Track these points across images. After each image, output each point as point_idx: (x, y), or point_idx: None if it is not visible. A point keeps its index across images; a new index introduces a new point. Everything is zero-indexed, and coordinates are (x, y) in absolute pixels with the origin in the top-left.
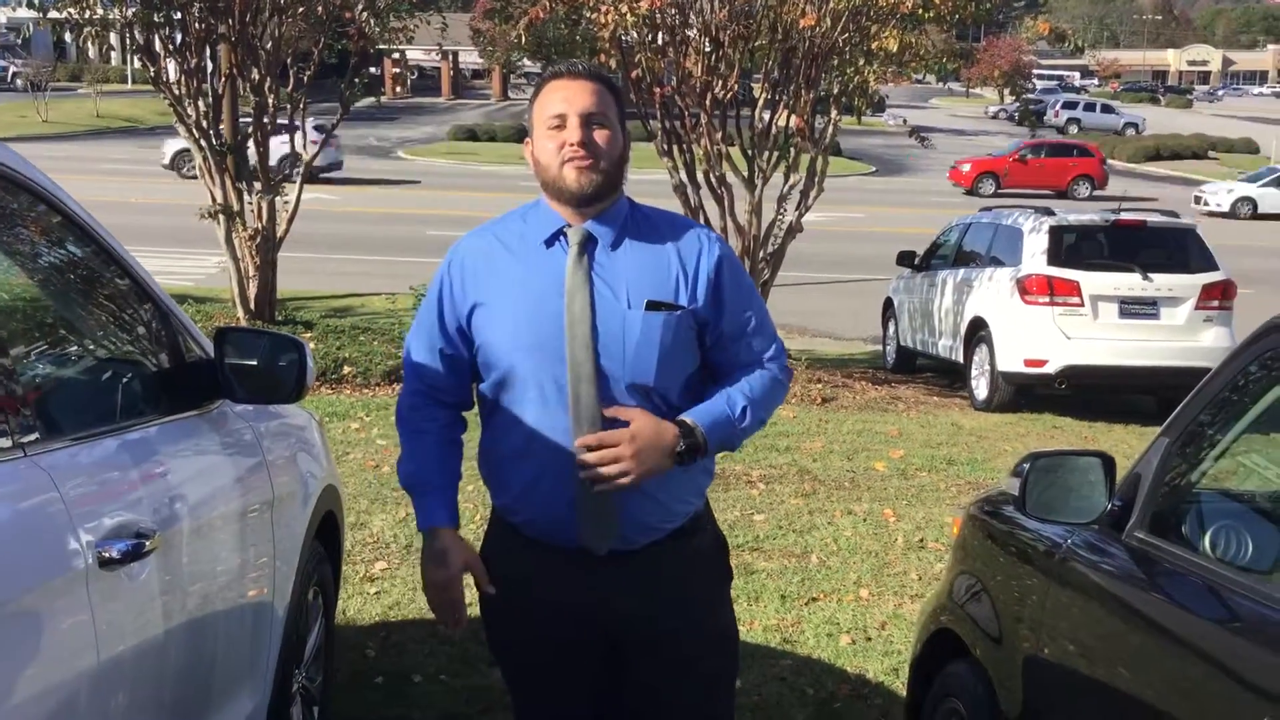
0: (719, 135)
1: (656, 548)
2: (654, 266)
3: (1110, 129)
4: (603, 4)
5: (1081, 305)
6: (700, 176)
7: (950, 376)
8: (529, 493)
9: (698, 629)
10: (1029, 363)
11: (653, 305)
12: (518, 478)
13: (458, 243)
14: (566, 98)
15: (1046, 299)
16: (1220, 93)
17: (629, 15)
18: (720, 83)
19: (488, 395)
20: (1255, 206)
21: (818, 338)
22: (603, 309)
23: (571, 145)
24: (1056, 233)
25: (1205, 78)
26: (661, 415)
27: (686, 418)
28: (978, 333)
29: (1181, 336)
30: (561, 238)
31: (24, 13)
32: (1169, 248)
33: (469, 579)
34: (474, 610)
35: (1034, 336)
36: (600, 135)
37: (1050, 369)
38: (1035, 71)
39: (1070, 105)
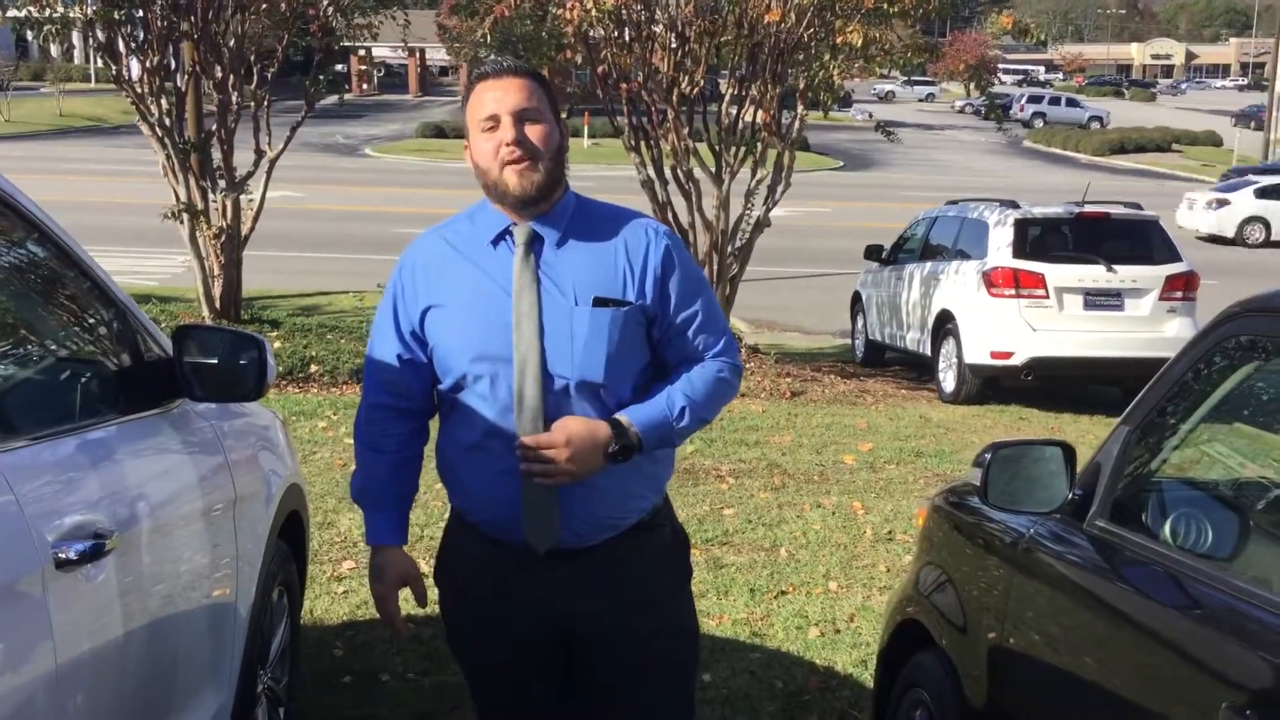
0: (686, 131)
1: (612, 544)
2: (600, 263)
3: (1075, 122)
4: (569, 0)
5: (1047, 297)
6: (668, 172)
7: (918, 370)
8: (481, 492)
9: (655, 625)
10: (995, 355)
11: (600, 301)
12: (471, 477)
13: (408, 247)
14: (497, 98)
15: (1012, 291)
16: (1183, 86)
17: (594, 11)
18: (687, 78)
19: (445, 396)
20: (1269, 229)
21: (786, 332)
22: (550, 307)
23: (507, 145)
24: (1021, 225)
25: (1169, 71)
26: (609, 413)
27: (621, 417)
28: (945, 326)
29: (1146, 327)
30: (507, 237)
31: None
32: (1133, 239)
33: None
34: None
35: (1000, 329)
36: (534, 131)
37: (1016, 361)
38: (1000, 66)
39: (1035, 99)
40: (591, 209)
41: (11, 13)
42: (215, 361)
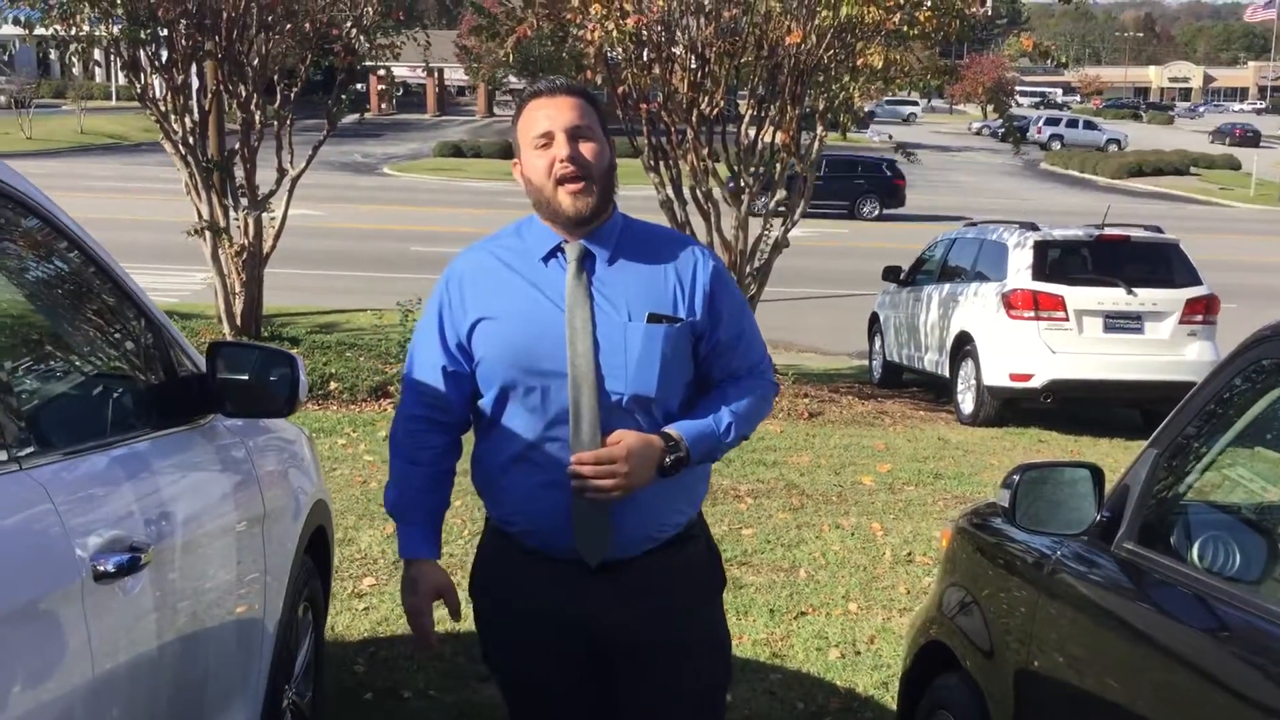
0: (705, 151)
1: (650, 557)
2: (652, 280)
3: (1093, 145)
4: (589, 21)
5: (1066, 320)
6: (686, 192)
7: (936, 391)
8: (527, 503)
9: (691, 638)
10: (1014, 377)
11: (654, 318)
12: (515, 488)
13: (454, 260)
14: (549, 115)
15: (1031, 313)
16: (1201, 109)
17: (615, 32)
18: (706, 99)
19: (486, 408)
20: None
21: (804, 353)
22: (603, 323)
23: (561, 161)
24: (1041, 248)
25: (1187, 94)
26: (659, 426)
27: (671, 430)
28: (963, 347)
29: (1166, 351)
30: (559, 254)
31: (9, 30)
32: (1153, 262)
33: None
34: (467, 626)
35: (1019, 351)
36: (587, 148)
37: (1036, 383)
38: (1018, 88)
39: (1053, 122)
40: (639, 228)
41: (39, 31)
42: (247, 378)
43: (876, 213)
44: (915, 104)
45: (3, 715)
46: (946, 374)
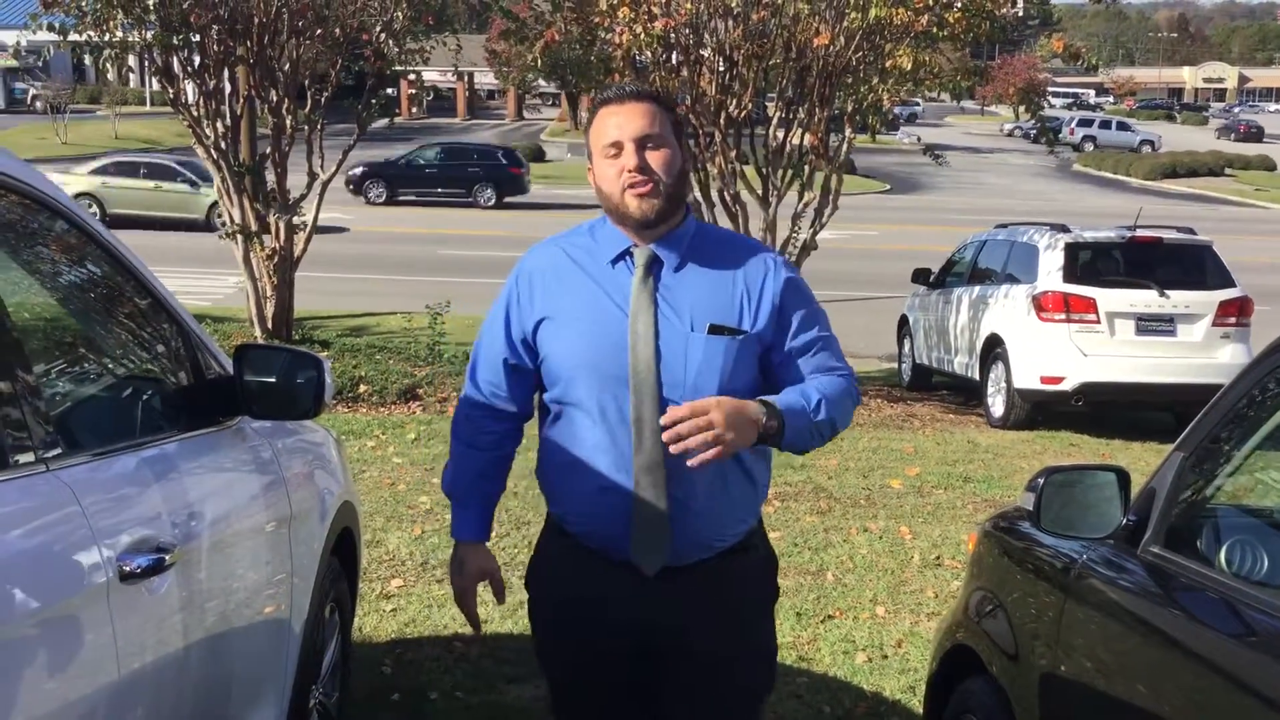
0: (733, 153)
1: (707, 564)
2: (718, 289)
3: (1126, 146)
4: (617, 25)
5: (1098, 322)
6: (715, 194)
7: (966, 394)
8: (585, 506)
9: (739, 648)
10: (1045, 380)
11: (715, 329)
12: (575, 490)
13: (526, 255)
14: (619, 124)
15: (1063, 316)
16: (1236, 110)
17: (643, 35)
18: (734, 101)
19: (550, 406)
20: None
21: None
22: (666, 331)
23: (630, 171)
24: (1072, 249)
25: (1221, 95)
26: None
27: (764, 397)
28: (994, 350)
29: (1198, 353)
30: (627, 257)
31: (44, 35)
32: (1185, 264)
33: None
34: (493, 628)
35: (1050, 353)
36: (656, 157)
37: (1067, 386)
38: (1050, 89)
39: (1086, 123)
40: (711, 235)
41: (73, 37)
42: (274, 380)
43: (493, 201)
44: (917, 103)
45: (29, 713)
46: (976, 377)
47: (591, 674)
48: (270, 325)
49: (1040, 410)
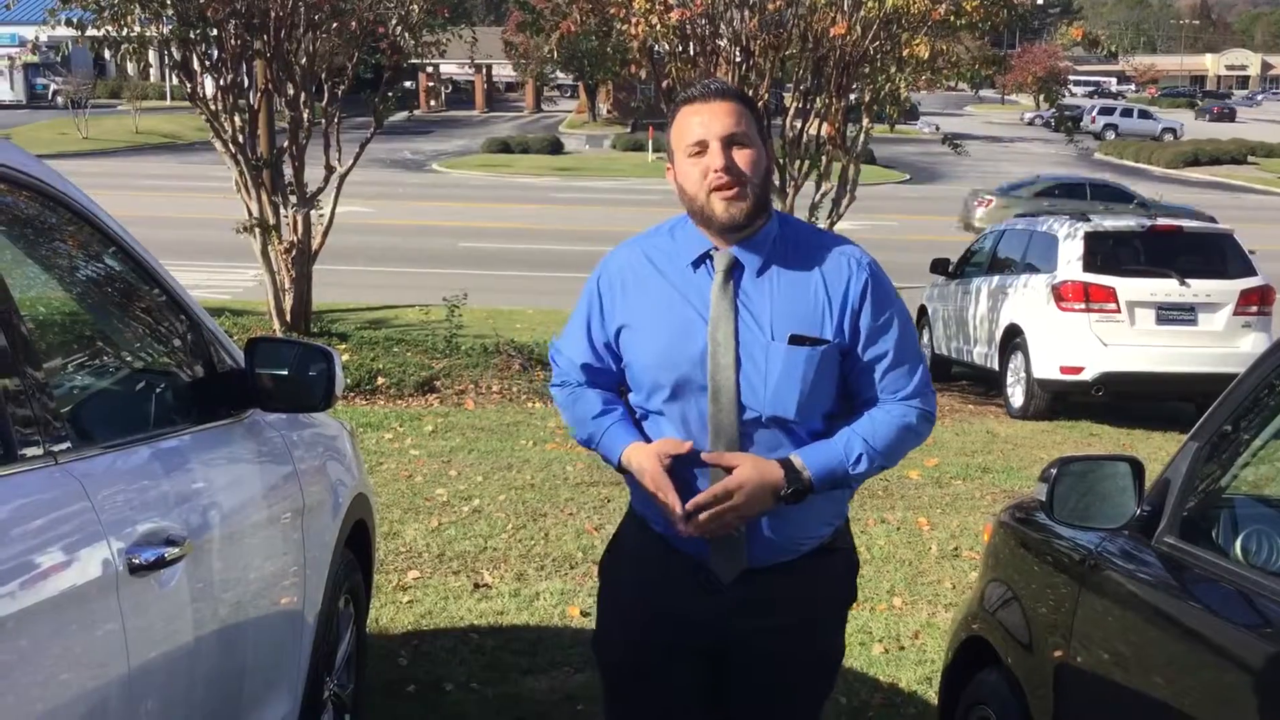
0: None
1: (788, 568)
2: (800, 296)
3: (1148, 134)
4: (633, 16)
5: (1118, 311)
6: None
7: (985, 384)
8: (666, 511)
9: (810, 652)
10: (1065, 370)
11: (796, 339)
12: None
13: (608, 256)
14: (704, 122)
15: (1082, 305)
16: (1259, 97)
17: (659, 26)
18: (751, 92)
19: (635, 405)
20: None
21: None
22: (746, 339)
23: (716, 172)
24: (1092, 239)
25: (1244, 82)
26: (802, 442)
27: (795, 458)
28: (1013, 340)
29: (1219, 342)
30: (708, 261)
31: (63, 31)
32: (1206, 253)
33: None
34: (509, 619)
35: (1070, 343)
36: (742, 156)
37: (1087, 376)
38: (1071, 78)
39: (1107, 111)
40: (795, 234)
41: (91, 32)
42: (286, 373)
43: None
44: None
45: (40, 705)
46: (996, 367)
47: (652, 669)
48: (289, 318)
49: (1060, 400)
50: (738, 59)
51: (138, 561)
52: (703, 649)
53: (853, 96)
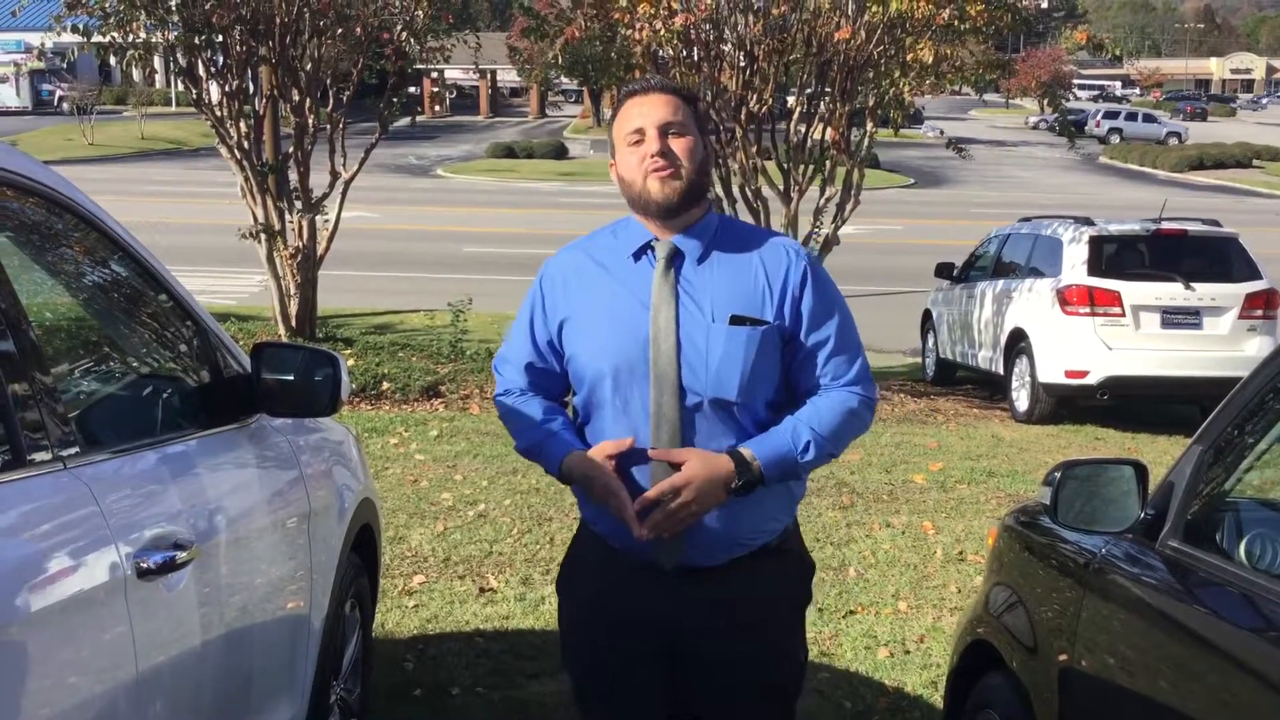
0: (754, 149)
1: (738, 565)
2: (740, 281)
3: (1152, 138)
4: (638, 21)
5: (1123, 315)
6: (736, 190)
7: (990, 388)
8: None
9: (766, 651)
10: (1070, 374)
11: (736, 320)
12: None
13: (550, 259)
14: (642, 112)
15: (1087, 309)
16: (1264, 101)
17: (664, 31)
18: (755, 96)
19: (578, 406)
20: None
21: None
22: (687, 323)
23: (652, 156)
24: (1097, 242)
25: (1249, 86)
26: (745, 433)
27: (745, 450)
28: (1018, 344)
29: (1225, 346)
30: (649, 251)
31: (69, 37)
32: (1211, 257)
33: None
34: (514, 624)
35: (1075, 347)
36: (679, 144)
37: (1092, 380)
38: (1075, 81)
39: (1111, 115)
40: (733, 228)
41: (96, 38)
42: (292, 378)
43: None
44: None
45: (47, 709)
46: (1001, 371)
47: (617, 674)
48: (294, 324)
49: (1065, 404)
50: (742, 64)
51: (146, 566)
52: (662, 652)
53: (857, 101)
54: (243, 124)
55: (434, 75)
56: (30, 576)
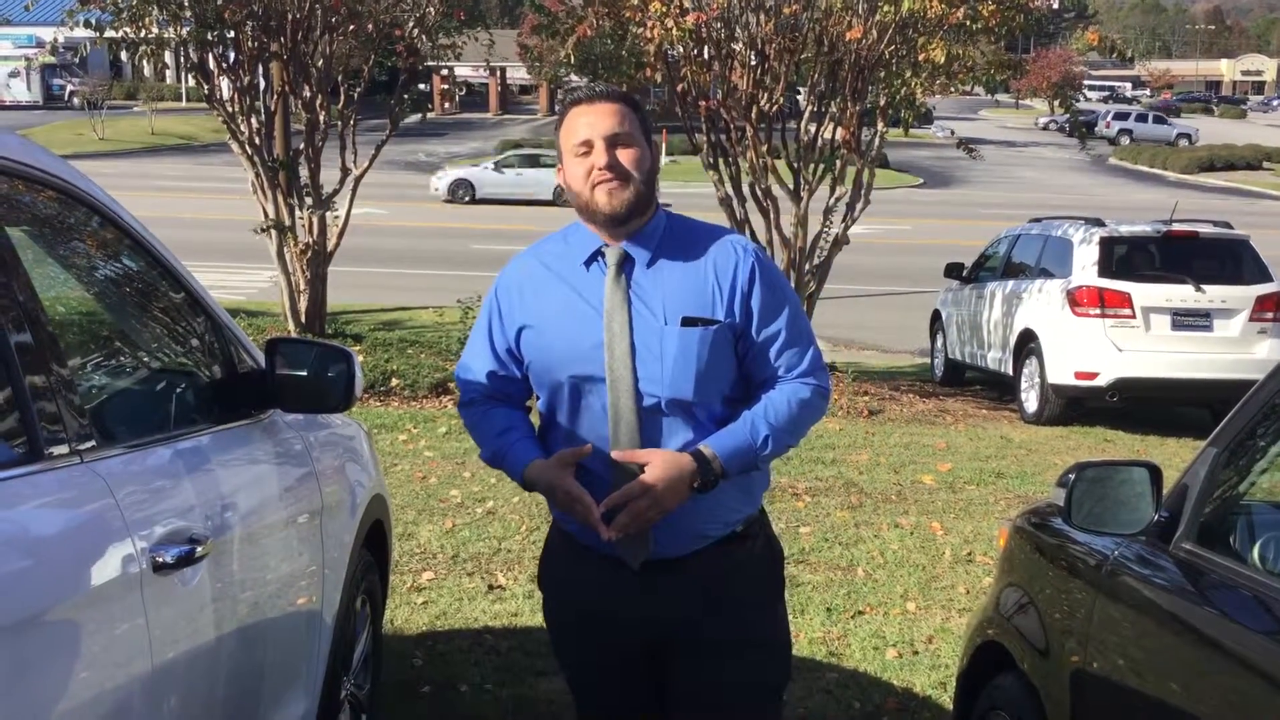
0: (765, 148)
1: (704, 554)
2: (690, 282)
3: (1163, 139)
4: (649, 19)
5: (1133, 317)
6: (746, 189)
7: (999, 389)
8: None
9: (743, 637)
10: (1080, 375)
11: (688, 321)
12: None
13: (504, 269)
14: (589, 123)
15: (1097, 311)
16: (1275, 102)
17: (675, 30)
18: (766, 95)
19: (541, 412)
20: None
21: (865, 350)
22: (640, 327)
23: (600, 169)
24: (1107, 244)
25: (1260, 87)
26: (704, 429)
27: (704, 448)
28: (1027, 345)
29: (1235, 348)
30: (600, 258)
31: (81, 32)
32: (1222, 259)
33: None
34: (522, 621)
35: (1085, 349)
36: (626, 155)
37: (1101, 381)
38: (1086, 83)
39: (1122, 116)
40: (682, 228)
41: (109, 33)
42: (305, 374)
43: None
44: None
45: (64, 702)
46: (1010, 372)
47: (605, 670)
48: (304, 319)
49: (1074, 406)
50: (753, 63)
51: (162, 560)
52: (642, 644)
53: (868, 101)
54: (254, 120)
55: (444, 72)
56: (47, 570)
